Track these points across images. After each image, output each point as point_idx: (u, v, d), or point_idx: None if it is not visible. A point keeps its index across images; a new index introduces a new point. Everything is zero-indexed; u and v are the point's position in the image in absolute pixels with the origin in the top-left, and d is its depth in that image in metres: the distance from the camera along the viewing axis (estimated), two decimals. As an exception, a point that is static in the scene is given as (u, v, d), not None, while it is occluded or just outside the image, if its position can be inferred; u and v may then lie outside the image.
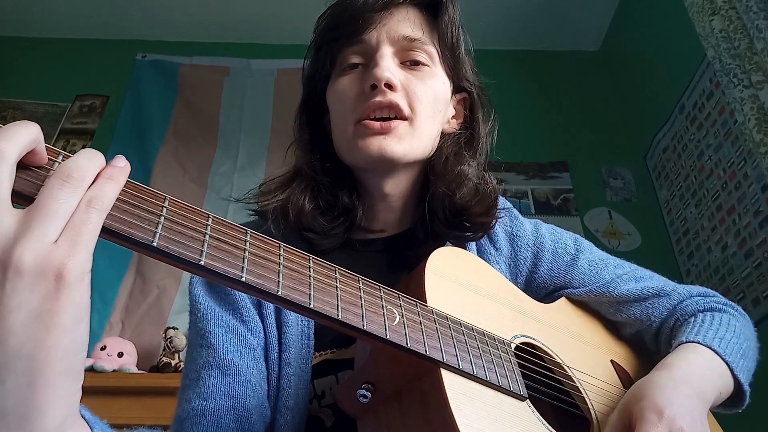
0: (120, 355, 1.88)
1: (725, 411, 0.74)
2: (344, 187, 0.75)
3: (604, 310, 0.80)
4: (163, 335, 1.98)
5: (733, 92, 1.63)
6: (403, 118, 0.70)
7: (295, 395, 0.65)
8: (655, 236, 2.42)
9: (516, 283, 0.77)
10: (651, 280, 0.81)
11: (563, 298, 0.79)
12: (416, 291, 0.57)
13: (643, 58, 2.58)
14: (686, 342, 0.68)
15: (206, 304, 0.68)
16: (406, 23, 0.74)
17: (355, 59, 0.74)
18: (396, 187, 0.76)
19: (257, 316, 0.69)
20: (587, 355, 0.73)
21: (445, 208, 0.73)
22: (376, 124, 0.69)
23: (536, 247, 0.79)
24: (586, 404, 0.65)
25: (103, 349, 1.87)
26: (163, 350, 1.95)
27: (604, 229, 2.45)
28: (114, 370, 1.81)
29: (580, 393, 0.65)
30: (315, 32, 0.79)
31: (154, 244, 0.38)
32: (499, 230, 0.79)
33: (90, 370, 1.76)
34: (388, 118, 0.70)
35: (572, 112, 2.77)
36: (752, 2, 1.61)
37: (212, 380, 0.63)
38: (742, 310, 0.80)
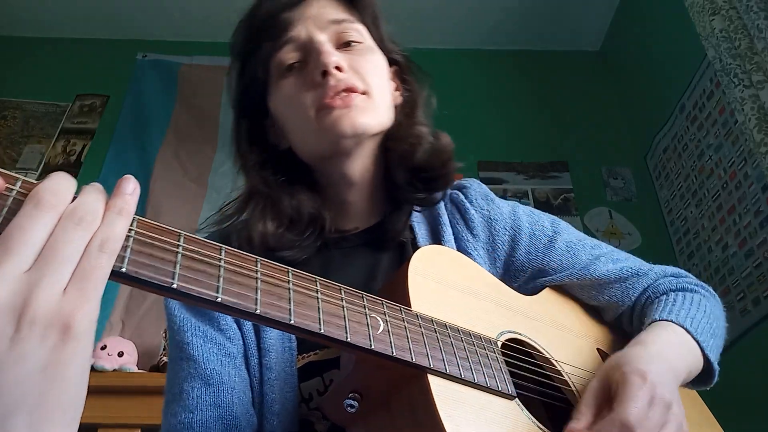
0: (120, 354, 1.87)
1: (694, 388, 0.76)
2: (305, 197, 0.74)
3: (586, 295, 0.80)
4: (164, 335, 1.98)
5: (734, 92, 1.63)
6: (361, 93, 0.71)
7: (281, 400, 0.64)
8: (656, 236, 2.41)
9: (495, 267, 0.77)
10: (628, 261, 0.82)
11: (547, 289, 0.78)
12: (400, 294, 0.56)
13: (644, 58, 2.57)
14: (659, 320, 0.70)
15: (182, 316, 0.67)
16: (328, 8, 0.75)
17: (292, 58, 0.73)
18: (362, 168, 0.75)
19: (234, 324, 0.68)
20: (574, 346, 0.73)
21: (405, 168, 0.74)
22: (338, 101, 0.68)
23: (514, 230, 0.79)
24: (576, 398, 0.65)
25: (103, 348, 1.87)
26: (164, 350, 1.95)
27: (604, 229, 2.45)
28: (114, 370, 1.81)
29: (569, 386, 0.65)
30: (235, 50, 0.78)
31: (124, 270, 0.36)
32: (476, 215, 0.78)
33: (90, 369, 1.76)
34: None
35: (572, 112, 2.76)
36: (753, 2, 1.61)
37: (196, 392, 0.62)
38: (712, 290, 0.82)
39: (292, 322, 0.43)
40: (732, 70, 1.65)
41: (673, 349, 0.66)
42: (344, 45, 0.74)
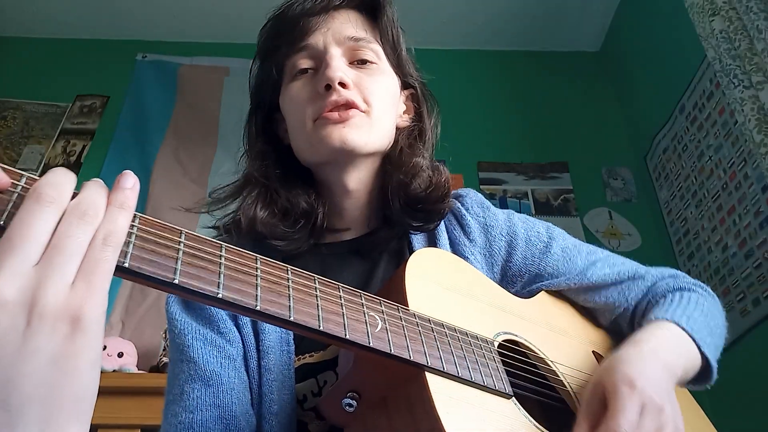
0: (120, 355, 1.88)
1: (694, 387, 0.76)
2: (301, 191, 0.76)
3: (582, 297, 0.80)
4: (163, 335, 1.98)
5: (734, 93, 1.63)
6: (361, 111, 0.72)
7: (279, 401, 0.65)
8: (655, 237, 2.42)
9: (492, 272, 0.78)
10: (624, 265, 0.82)
11: (543, 292, 0.79)
12: (398, 294, 0.56)
13: (644, 58, 2.58)
14: (655, 319, 0.71)
15: (183, 320, 0.68)
16: (349, 24, 0.77)
17: (305, 64, 0.76)
18: (359, 180, 0.76)
19: (234, 327, 0.69)
20: (569, 348, 0.73)
21: (401, 197, 0.75)
22: (335, 114, 0.70)
23: (510, 236, 0.79)
24: (571, 398, 0.65)
25: (103, 349, 1.87)
26: (163, 350, 1.95)
27: (604, 230, 2.45)
28: (114, 370, 1.81)
29: (565, 387, 0.66)
30: (258, 45, 0.82)
31: (126, 265, 0.36)
32: (472, 221, 0.80)
33: (91, 369, 1.77)
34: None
35: (572, 112, 2.76)
36: (752, 3, 1.61)
37: (196, 393, 0.63)
38: (711, 290, 0.82)
39: (291, 318, 0.43)
40: (732, 70, 1.65)
41: (668, 346, 0.66)
42: (358, 62, 0.76)
